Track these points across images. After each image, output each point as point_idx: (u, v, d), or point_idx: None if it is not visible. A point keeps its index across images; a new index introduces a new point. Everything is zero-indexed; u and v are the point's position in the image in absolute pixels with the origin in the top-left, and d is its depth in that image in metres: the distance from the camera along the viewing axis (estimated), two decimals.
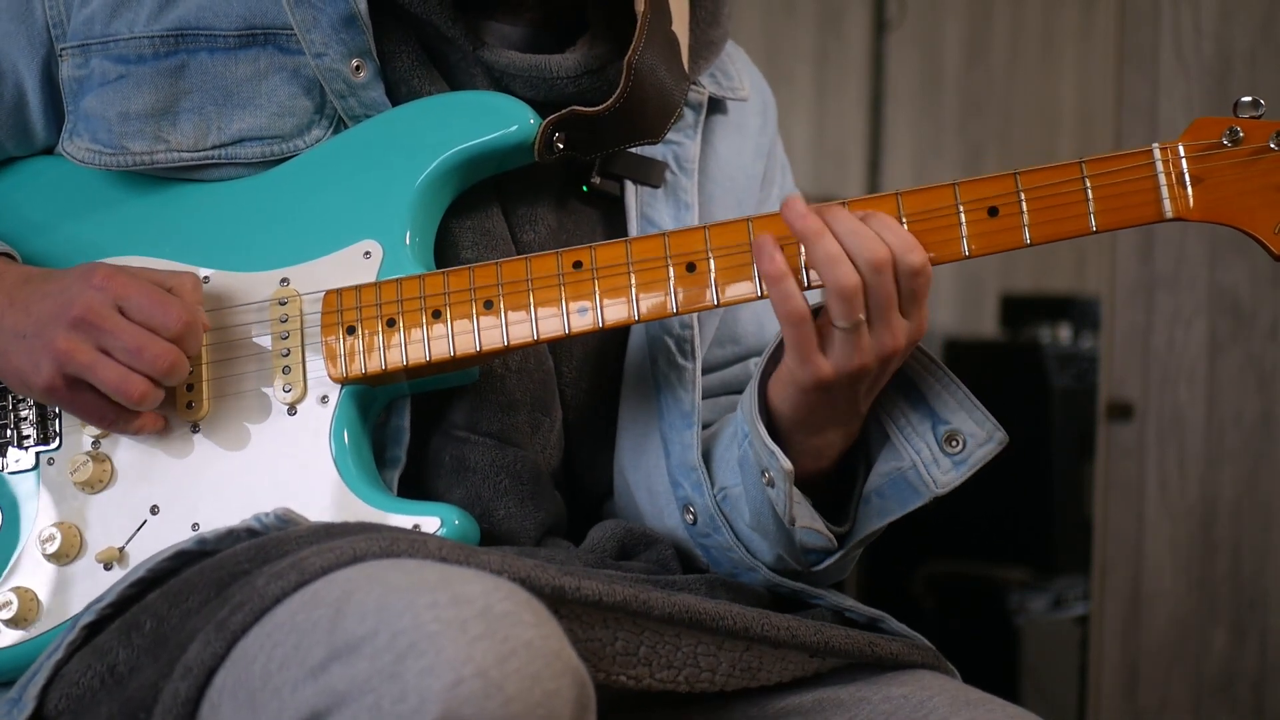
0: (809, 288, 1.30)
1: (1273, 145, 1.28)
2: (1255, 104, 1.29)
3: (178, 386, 1.39)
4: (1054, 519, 4.53)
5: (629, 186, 1.50)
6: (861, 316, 1.27)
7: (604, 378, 1.50)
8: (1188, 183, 1.30)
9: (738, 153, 1.59)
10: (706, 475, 1.43)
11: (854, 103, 5.16)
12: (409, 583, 1.02)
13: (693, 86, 1.54)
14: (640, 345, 1.48)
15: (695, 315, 1.47)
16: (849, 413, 1.35)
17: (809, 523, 1.37)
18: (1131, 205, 1.30)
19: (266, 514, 1.26)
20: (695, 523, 1.44)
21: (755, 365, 1.40)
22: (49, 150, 1.51)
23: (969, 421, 1.37)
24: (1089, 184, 1.30)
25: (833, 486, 1.42)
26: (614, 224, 1.51)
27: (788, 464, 1.32)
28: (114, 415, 1.36)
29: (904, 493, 1.38)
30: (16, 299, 1.36)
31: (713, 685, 1.26)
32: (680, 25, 1.50)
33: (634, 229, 1.49)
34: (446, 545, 1.14)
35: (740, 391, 1.53)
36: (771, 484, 1.34)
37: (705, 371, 1.53)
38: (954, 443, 1.36)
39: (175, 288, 1.37)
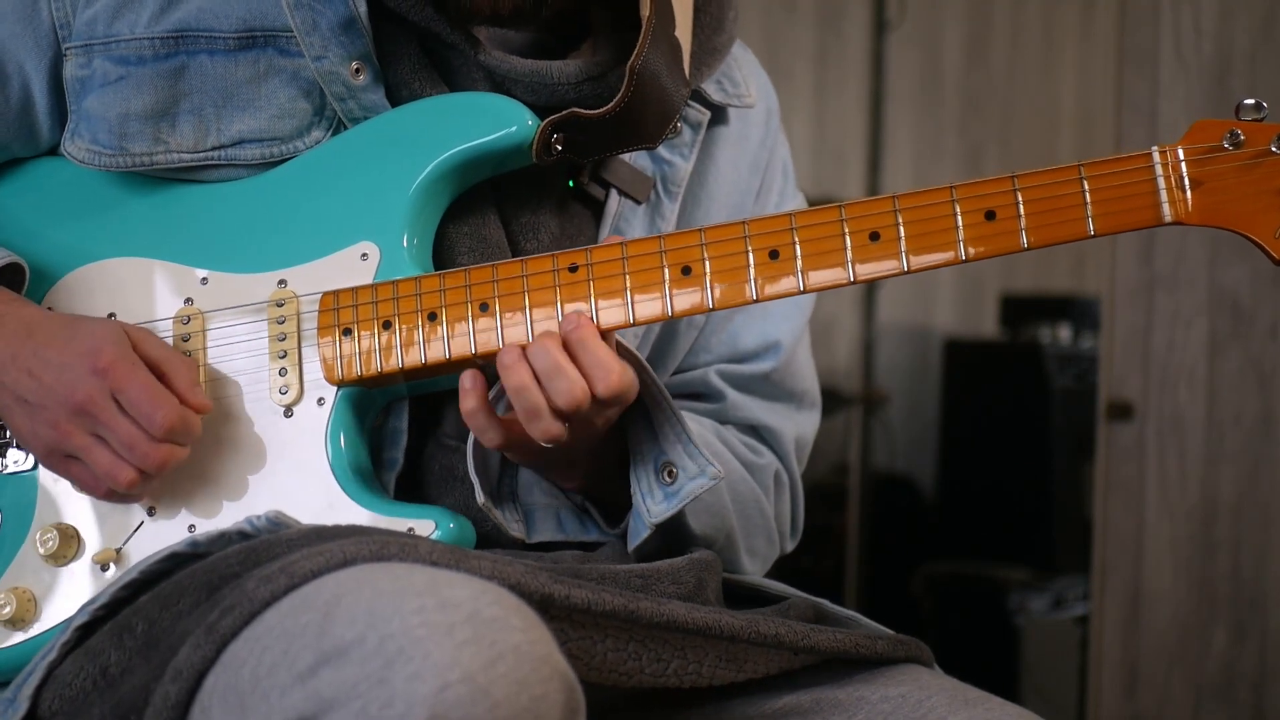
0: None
1: (1274, 149, 1.26)
2: (1258, 107, 1.27)
3: None
4: (1054, 519, 4.54)
5: (612, 195, 1.50)
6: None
7: None
8: (1187, 186, 1.28)
9: (735, 167, 1.59)
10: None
11: (854, 102, 5.15)
12: (397, 587, 1.02)
13: (695, 104, 1.54)
14: None
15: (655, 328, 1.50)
16: (568, 460, 1.40)
17: (550, 537, 1.45)
18: (1130, 209, 1.29)
19: (258, 516, 1.26)
20: None
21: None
22: (54, 150, 1.51)
23: (683, 455, 1.37)
24: (1087, 187, 1.29)
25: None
26: (598, 235, 1.51)
27: (481, 499, 1.37)
28: (105, 490, 1.37)
29: (638, 519, 1.39)
30: (20, 356, 1.36)
31: (700, 678, 1.26)
32: (683, 31, 1.49)
33: (604, 238, 1.49)
34: (437, 549, 1.14)
35: (691, 396, 1.57)
36: (487, 509, 1.38)
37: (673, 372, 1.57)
38: (669, 474, 1.37)
39: (169, 374, 1.36)
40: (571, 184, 1.48)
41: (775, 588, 1.47)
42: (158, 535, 1.39)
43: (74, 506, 1.42)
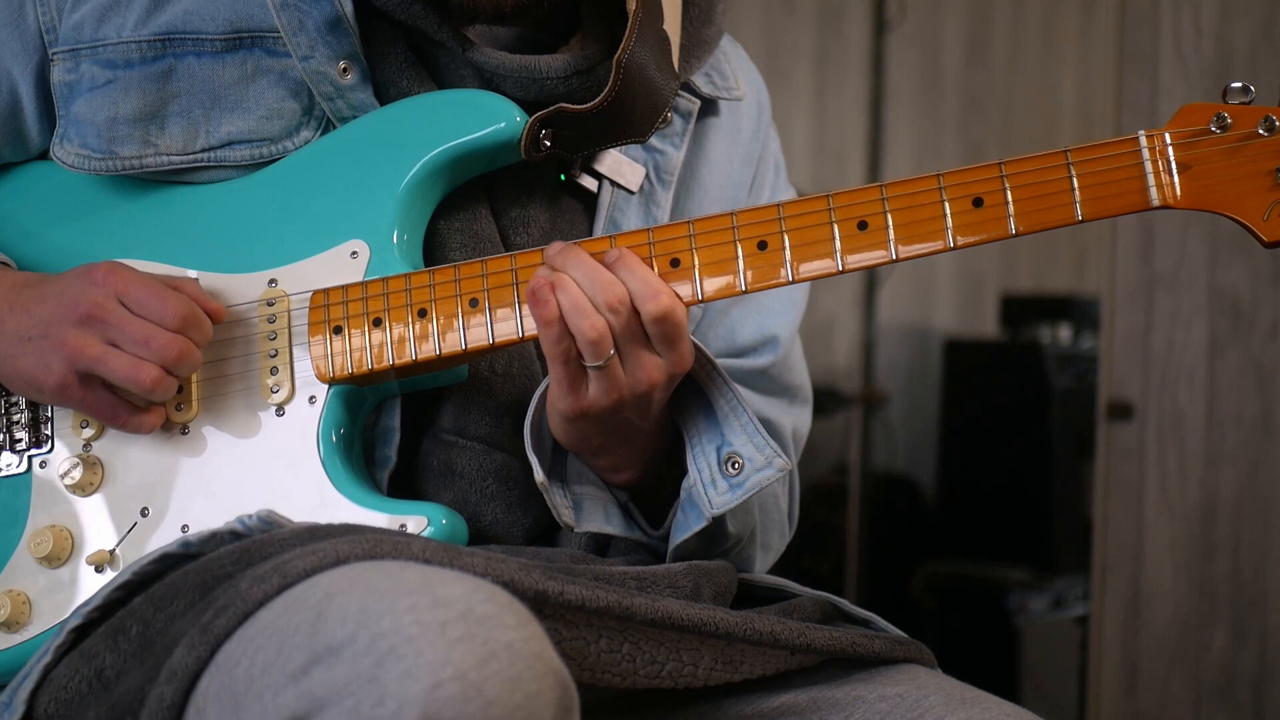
0: None
1: (1261, 131, 1.26)
2: (1245, 90, 1.27)
3: None
4: (1054, 519, 4.54)
5: (605, 186, 1.49)
6: (610, 356, 1.30)
7: None
8: (1174, 170, 1.28)
9: (728, 159, 1.58)
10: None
11: (854, 102, 5.15)
12: (390, 585, 1.02)
13: (685, 94, 1.53)
14: None
15: None
16: (621, 437, 1.38)
17: (598, 528, 1.42)
18: (1118, 194, 1.28)
19: (250, 516, 1.25)
20: None
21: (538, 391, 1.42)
22: (44, 154, 1.51)
23: (749, 445, 1.37)
24: (1074, 172, 1.29)
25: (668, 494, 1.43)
26: (594, 227, 1.50)
27: (539, 476, 1.36)
28: (126, 411, 1.36)
29: (691, 510, 1.38)
30: (17, 304, 1.37)
31: (695, 680, 1.26)
32: (672, 24, 1.49)
33: (600, 231, 1.48)
34: (430, 546, 1.13)
35: None
36: (544, 490, 1.37)
37: None
38: (733, 465, 1.37)
39: (180, 285, 1.38)
40: (563, 177, 1.48)
41: (791, 588, 1.46)
42: (150, 536, 1.39)
43: (67, 508, 1.42)
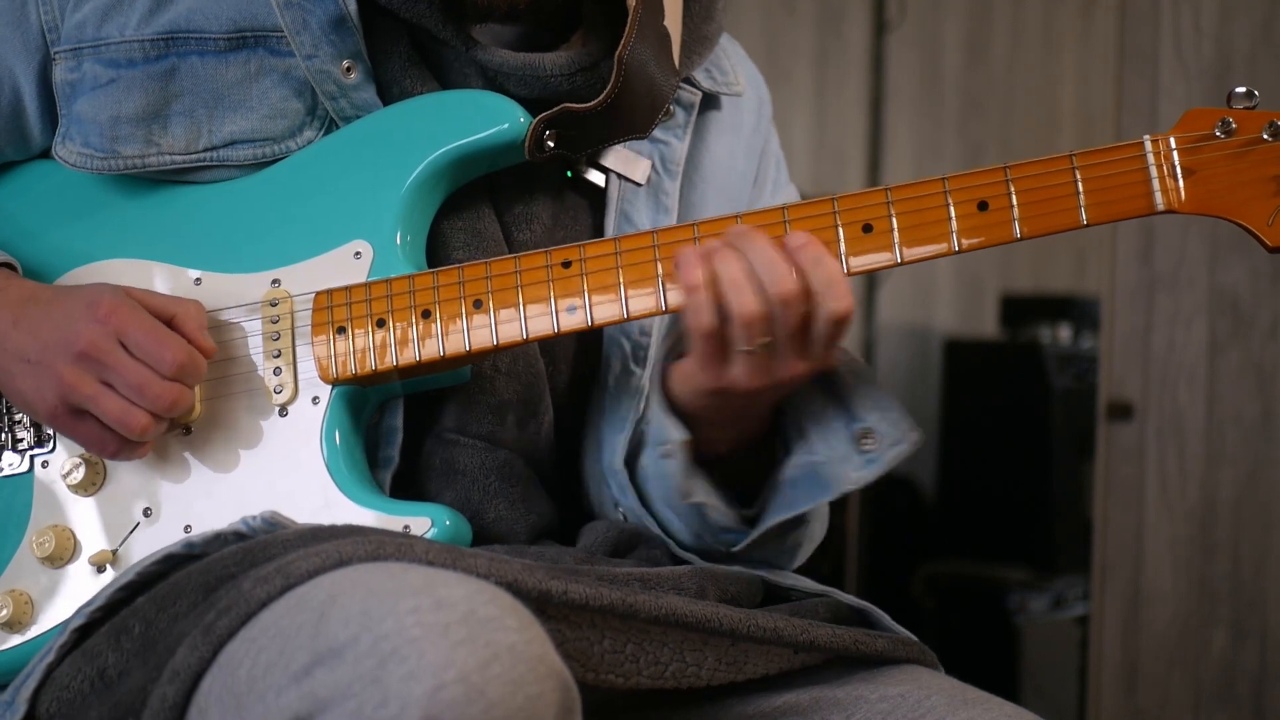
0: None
1: (1266, 136, 1.26)
2: (1249, 95, 1.27)
3: None
4: (1054, 519, 4.54)
5: (612, 181, 1.49)
6: (763, 342, 1.28)
7: (593, 379, 1.50)
8: (1179, 175, 1.28)
9: (730, 153, 1.59)
10: (630, 479, 1.44)
11: (854, 102, 5.15)
12: (392, 587, 1.02)
13: (685, 86, 1.54)
14: (605, 346, 1.50)
15: (654, 323, 1.49)
16: (745, 417, 1.37)
17: (704, 499, 1.38)
18: (1122, 198, 1.29)
19: (254, 517, 1.25)
20: (626, 519, 1.47)
21: (659, 344, 1.40)
22: (47, 153, 1.51)
23: (883, 421, 1.36)
24: (1079, 177, 1.29)
25: (748, 471, 1.41)
26: (602, 221, 1.51)
27: (683, 434, 1.34)
28: (115, 444, 1.36)
29: (813, 486, 1.37)
30: (21, 320, 1.36)
31: (699, 680, 1.26)
32: (673, 20, 1.49)
33: (611, 225, 1.49)
34: (434, 548, 1.14)
35: None
36: (669, 455, 1.36)
37: None
38: (867, 441, 1.36)
39: (178, 316, 1.37)
40: (570, 174, 1.48)
41: (809, 586, 1.45)
42: (154, 537, 1.38)
43: (70, 508, 1.41)
